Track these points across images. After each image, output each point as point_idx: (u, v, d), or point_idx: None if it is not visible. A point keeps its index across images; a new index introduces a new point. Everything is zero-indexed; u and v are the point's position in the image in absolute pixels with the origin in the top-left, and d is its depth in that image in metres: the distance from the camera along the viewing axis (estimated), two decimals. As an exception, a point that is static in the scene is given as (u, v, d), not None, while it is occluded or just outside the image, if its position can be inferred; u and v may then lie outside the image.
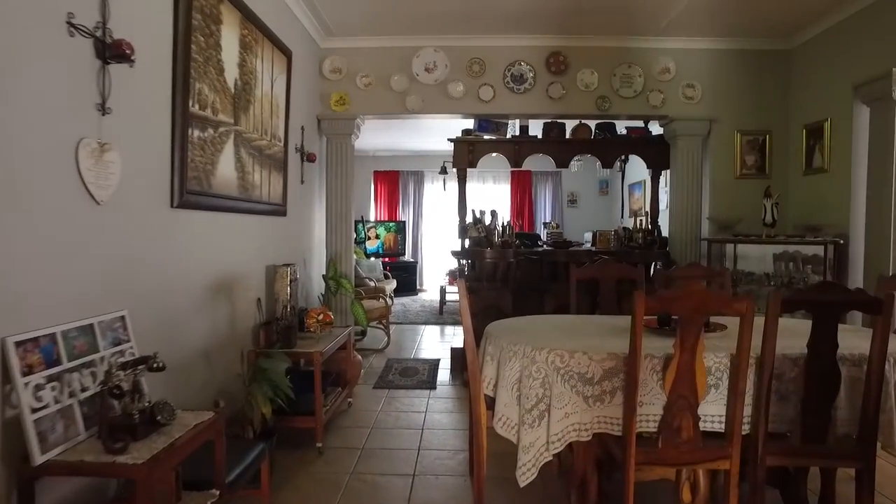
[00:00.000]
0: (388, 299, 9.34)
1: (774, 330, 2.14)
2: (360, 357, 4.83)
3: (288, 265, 3.78)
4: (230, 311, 3.25)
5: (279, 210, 4.00)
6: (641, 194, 9.45)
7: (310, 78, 4.81)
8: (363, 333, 6.75)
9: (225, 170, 3.05)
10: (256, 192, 3.54)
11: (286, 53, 4.00)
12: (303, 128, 4.54)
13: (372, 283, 8.55)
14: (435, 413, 4.19)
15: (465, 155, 5.44)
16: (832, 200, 4.52)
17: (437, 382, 4.99)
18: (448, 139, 5.54)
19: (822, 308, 2.16)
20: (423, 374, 5.22)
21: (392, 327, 7.64)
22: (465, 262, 5.06)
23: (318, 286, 5.00)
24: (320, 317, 3.76)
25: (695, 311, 2.08)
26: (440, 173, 7.37)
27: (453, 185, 5.82)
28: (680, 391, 2.09)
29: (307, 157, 4.57)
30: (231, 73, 3.09)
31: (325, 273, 4.74)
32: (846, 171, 4.39)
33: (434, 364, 5.54)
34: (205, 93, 2.78)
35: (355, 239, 9.89)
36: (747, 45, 5.03)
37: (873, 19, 4.16)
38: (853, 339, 2.40)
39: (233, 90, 3.12)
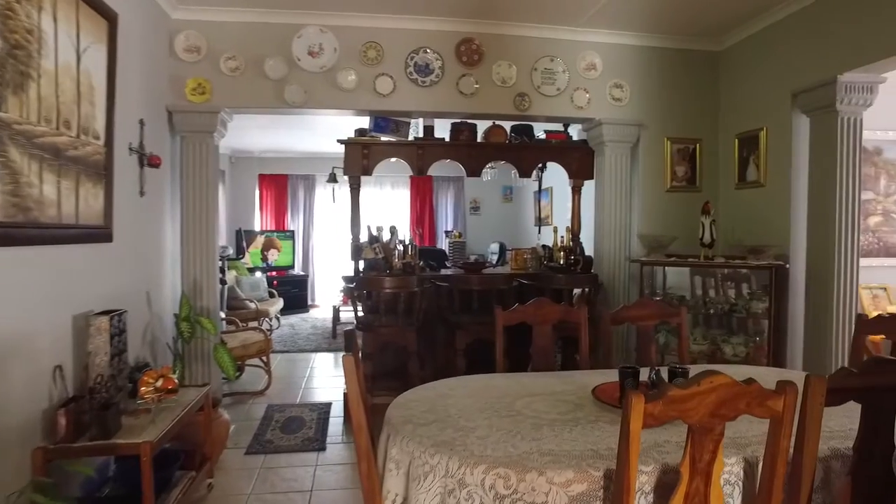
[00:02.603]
0: (271, 322, 8.20)
1: (817, 432, 1.45)
2: (226, 416, 3.76)
3: (109, 313, 2.68)
4: (-4, 394, 2.13)
5: (98, 234, 2.87)
6: (549, 202, 8.99)
7: (154, 56, 3.68)
8: (240, 370, 5.61)
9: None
10: (50, 212, 2.42)
11: (106, 15, 2.88)
12: (142, 121, 3.41)
13: (253, 306, 7.39)
14: (324, 491, 3.25)
15: (359, 160, 4.52)
16: (769, 217, 4.09)
17: (328, 438, 4.04)
18: (338, 140, 4.59)
19: (877, 396, 1.50)
20: (311, 428, 4.23)
21: (277, 357, 6.56)
22: (359, 292, 4.13)
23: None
24: (159, 382, 2.70)
25: (714, 415, 1.34)
26: (328, 181, 6.33)
27: (346, 194, 4.86)
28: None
29: (148, 161, 3.44)
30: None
31: (177, 312, 3.62)
32: (784, 185, 3.98)
33: (324, 411, 4.57)
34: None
35: (234, 255, 8.68)
36: (677, 43, 4.54)
37: (813, 22, 3.76)
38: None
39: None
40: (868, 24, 3.40)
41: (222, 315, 6.23)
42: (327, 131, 7.02)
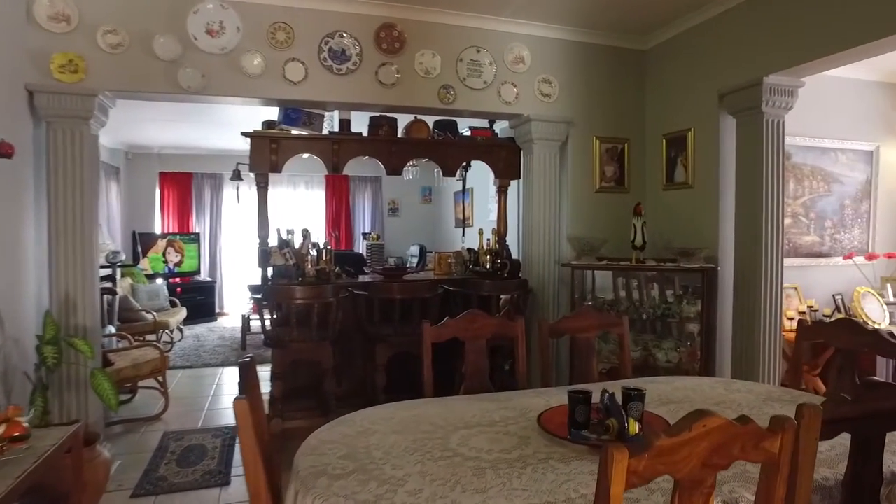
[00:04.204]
0: (172, 334, 7.44)
1: (810, 474, 1.22)
2: (106, 454, 3.19)
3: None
4: None
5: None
6: (470, 203, 8.79)
7: (3, 22, 3.06)
8: (132, 392, 4.95)
9: None
10: None
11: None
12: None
13: (150, 317, 6.64)
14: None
15: (267, 155, 4.05)
16: (698, 219, 4.03)
17: (233, 469, 3.55)
18: (242, 133, 4.09)
19: (869, 424, 1.30)
20: (213, 458, 3.72)
21: (178, 374, 5.90)
22: (267, 303, 3.67)
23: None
24: (0, 429, 2.15)
25: (706, 465, 1.08)
26: (232, 179, 5.76)
27: (253, 193, 4.36)
28: None
29: (-2, 150, 2.82)
30: None
31: (40, 335, 3.00)
32: (712, 186, 3.92)
33: (230, 436, 4.05)
34: None
35: (127, 260, 7.76)
36: (605, 40, 4.40)
37: (740, 23, 3.72)
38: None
39: None
40: (791, 27, 3.38)
41: (111, 330, 5.51)
42: (235, 125, 6.39)
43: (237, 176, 5.67)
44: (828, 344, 3.02)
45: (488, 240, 4.58)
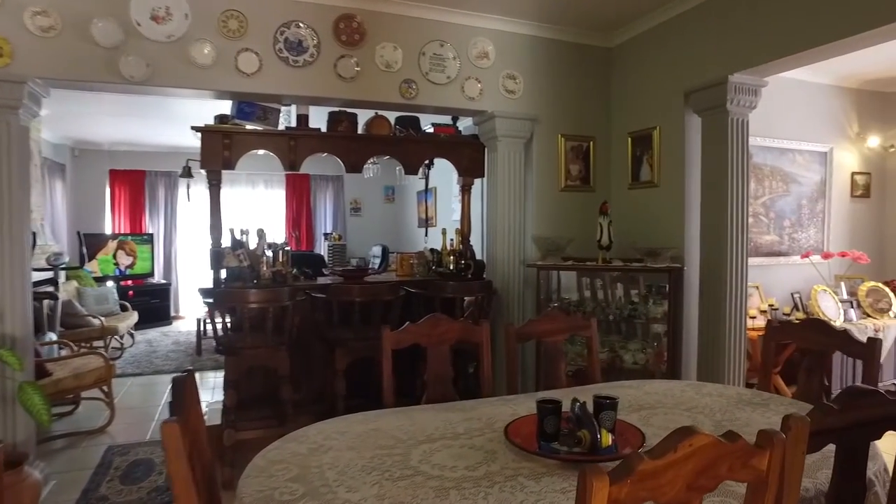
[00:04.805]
0: (122, 340, 7.08)
1: (796, 491, 1.14)
2: (36, 475, 2.93)
3: None
4: None
5: None
6: (433, 202, 8.66)
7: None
8: (75, 403, 4.65)
9: None
10: None
11: None
12: None
13: (98, 322, 6.29)
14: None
15: (219, 151, 3.82)
16: (664, 218, 3.99)
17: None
18: (192, 128, 3.86)
19: (853, 434, 1.23)
20: (162, 472, 3.50)
21: (127, 382, 5.61)
22: (219, 307, 3.45)
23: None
24: None
25: (691, 487, 0.97)
26: (182, 176, 5.47)
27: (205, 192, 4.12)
28: None
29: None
30: None
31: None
32: (678, 185, 3.89)
33: (179, 449, 3.81)
34: None
35: (71, 263, 7.32)
36: (570, 36, 4.32)
37: (705, 21, 3.69)
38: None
39: None
40: (756, 26, 3.37)
41: (52, 337, 5.17)
42: (191, 120, 6.07)
43: (187, 173, 5.38)
44: (787, 342, 3.01)
45: (452, 240, 4.45)
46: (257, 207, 9.64)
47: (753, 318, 4.58)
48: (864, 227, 5.71)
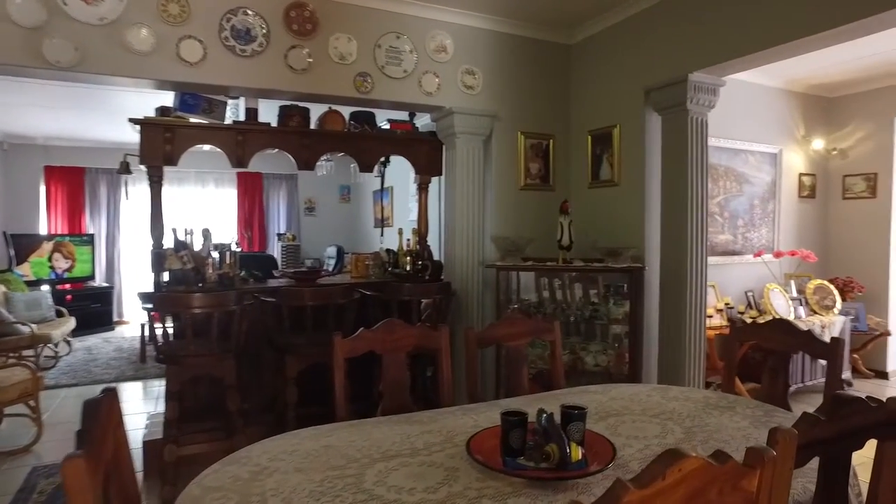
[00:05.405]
0: (56, 348, 6.63)
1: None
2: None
3: None
4: None
5: None
6: (389, 202, 8.49)
7: None
8: (-1, 417, 4.28)
9: None
10: None
11: None
12: None
13: (27, 330, 5.86)
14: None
15: (161, 145, 3.56)
16: (624, 217, 3.95)
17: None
18: (130, 120, 3.60)
19: (837, 445, 1.15)
20: (94, 492, 3.21)
21: (61, 394, 5.24)
22: (159, 313, 3.21)
23: None
24: None
25: (680, 516, 0.87)
26: (119, 172, 5.12)
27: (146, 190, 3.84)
28: None
29: None
30: None
31: None
32: (638, 184, 3.86)
33: (116, 466, 3.54)
34: None
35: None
36: (530, 32, 4.24)
37: (665, 19, 3.67)
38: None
39: None
40: (715, 25, 3.37)
41: (-27, 346, 4.76)
42: (134, 114, 5.74)
43: (125, 169, 5.04)
44: (744, 341, 2.99)
45: (408, 240, 4.31)
46: (207, 207, 9.23)
47: (710, 317, 4.61)
48: (811, 227, 5.86)
